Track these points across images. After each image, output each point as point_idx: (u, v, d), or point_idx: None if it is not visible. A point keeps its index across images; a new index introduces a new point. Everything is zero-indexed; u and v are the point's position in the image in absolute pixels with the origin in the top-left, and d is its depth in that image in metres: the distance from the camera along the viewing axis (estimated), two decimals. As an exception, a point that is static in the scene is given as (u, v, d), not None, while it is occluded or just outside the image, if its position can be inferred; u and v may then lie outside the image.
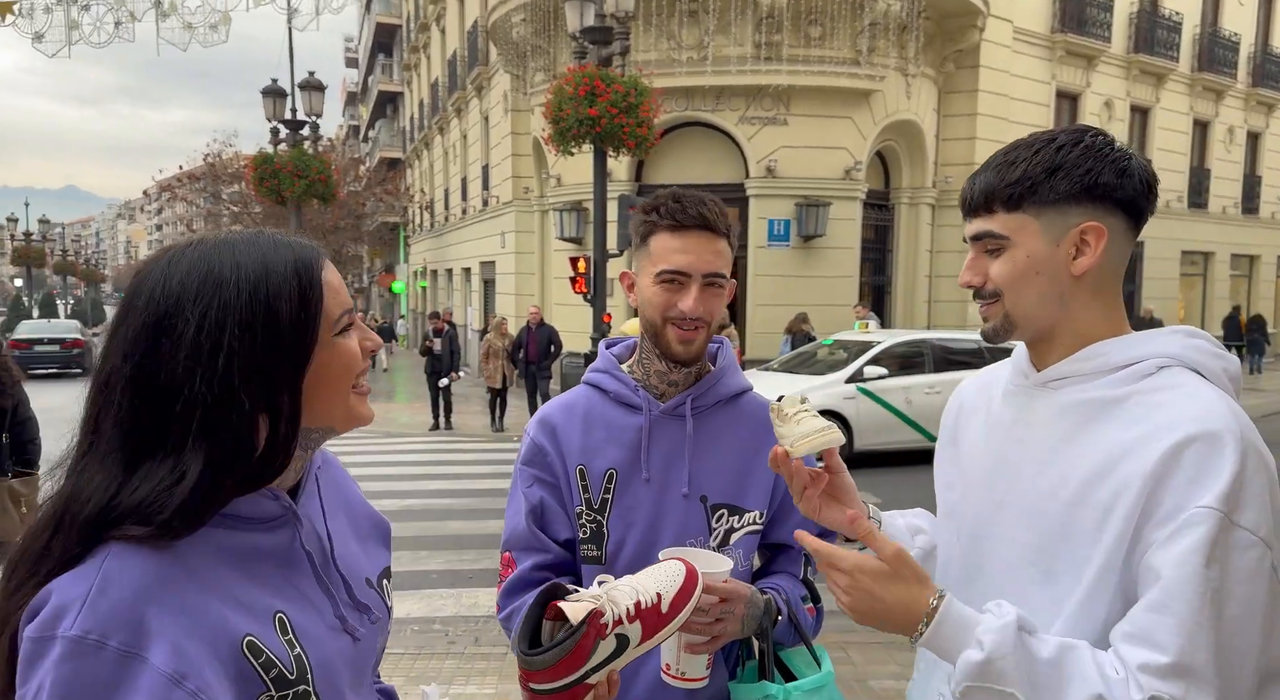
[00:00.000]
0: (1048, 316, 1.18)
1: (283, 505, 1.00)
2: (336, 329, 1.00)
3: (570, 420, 1.60)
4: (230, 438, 0.92)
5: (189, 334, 0.91)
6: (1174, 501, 1.03)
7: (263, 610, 0.94)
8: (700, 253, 1.47)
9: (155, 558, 0.87)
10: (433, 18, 27.06)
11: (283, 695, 0.92)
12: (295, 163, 16.47)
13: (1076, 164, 1.13)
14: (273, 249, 0.98)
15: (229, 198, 28.73)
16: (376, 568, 1.18)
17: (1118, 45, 20.20)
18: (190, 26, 19.71)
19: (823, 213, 14.69)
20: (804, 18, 14.33)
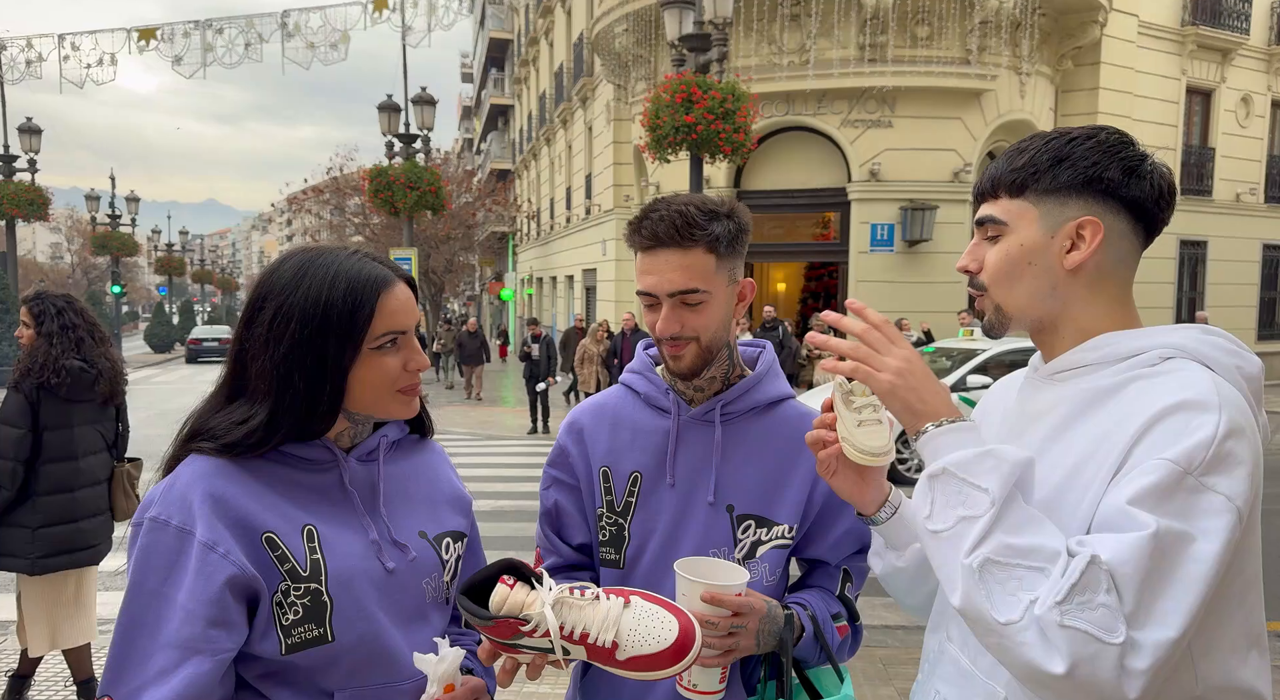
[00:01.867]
0: (1040, 309, 1.16)
1: (332, 453, 1.26)
2: (375, 344, 1.22)
3: (599, 421, 1.58)
4: (287, 401, 1.20)
5: (267, 319, 1.21)
6: (1141, 456, 0.99)
7: (293, 519, 1.20)
8: (663, 271, 1.42)
9: (213, 465, 1.18)
10: (541, 32, 27.70)
11: (296, 587, 1.17)
12: (407, 175, 17.13)
13: (1084, 156, 1.11)
14: (351, 267, 1.23)
15: (351, 210, 30.06)
16: (437, 527, 1.37)
17: (1257, 37, 18.90)
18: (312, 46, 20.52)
19: (929, 216, 14.27)
20: (911, 18, 13.98)
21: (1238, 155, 19.09)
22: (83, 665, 3.64)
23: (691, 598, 1.30)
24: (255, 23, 18.55)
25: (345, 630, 1.18)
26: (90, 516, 3.48)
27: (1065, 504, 1.07)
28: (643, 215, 1.45)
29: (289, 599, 1.16)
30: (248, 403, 1.22)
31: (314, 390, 1.19)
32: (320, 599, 1.17)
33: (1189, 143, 18.52)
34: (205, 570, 1.10)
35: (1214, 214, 18.75)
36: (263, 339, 1.20)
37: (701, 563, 1.38)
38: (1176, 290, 18.53)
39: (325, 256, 1.24)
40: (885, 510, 1.29)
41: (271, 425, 1.19)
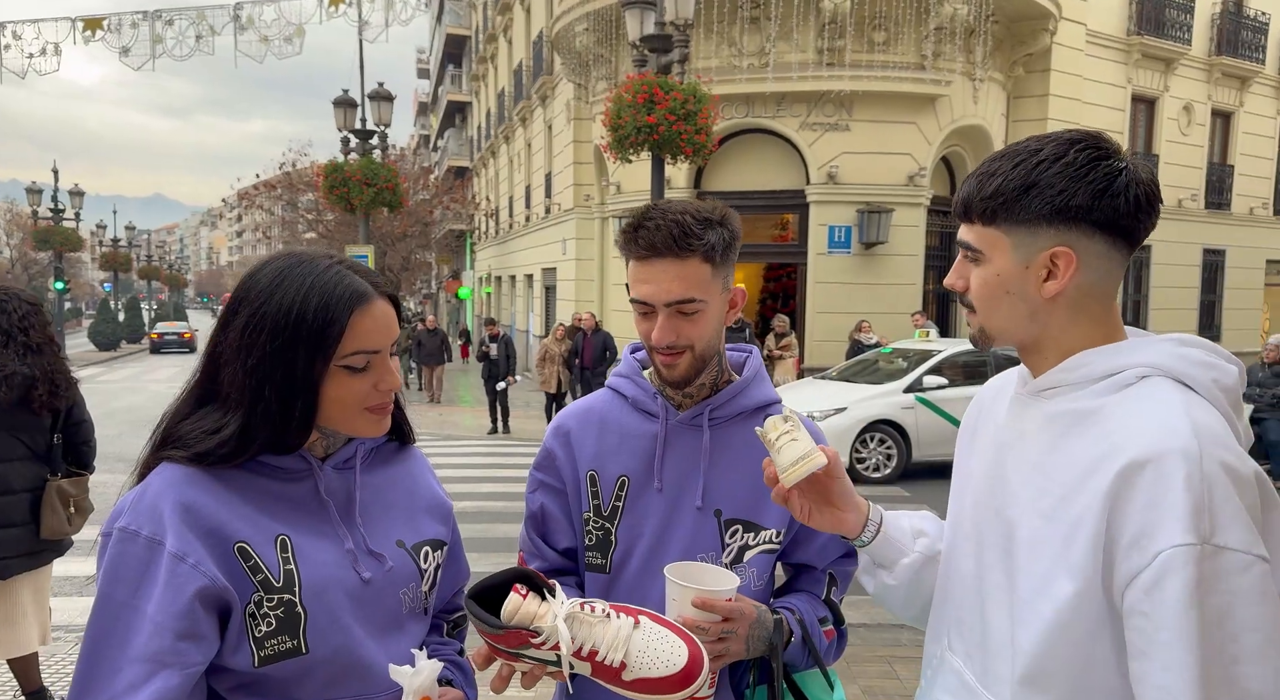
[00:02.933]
0: (1021, 332, 1.16)
1: (306, 462, 1.24)
2: (344, 362, 1.19)
3: (586, 424, 1.57)
4: (260, 412, 1.17)
5: (240, 324, 1.18)
6: (1137, 525, 0.99)
7: (265, 529, 1.17)
8: (661, 281, 1.41)
9: (184, 473, 1.15)
10: (500, 29, 27.52)
11: (269, 598, 1.15)
12: (364, 171, 16.91)
13: (1050, 184, 1.08)
14: (328, 279, 1.19)
15: (304, 206, 29.57)
16: (416, 536, 1.34)
17: (1198, 48, 19.49)
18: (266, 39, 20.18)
19: (885, 219, 14.48)
20: (868, 23, 14.17)
21: (1180, 162, 19.67)
22: (30, 676, 3.53)
23: (682, 603, 1.31)
24: (207, 15, 18.15)
25: (319, 642, 1.16)
26: (3, 526, 3.27)
27: (1049, 542, 1.08)
28: (637, 223, 1.43)
29: (261, 610, 1.14)
30: (219, 409, 1.19)
31: (286, 403, 1.17)
32: (294, 610, 1.15)
33: (1134, 149, 19.02)
34: (175, 582, 1.08)
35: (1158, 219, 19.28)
36: (235, 345, 1.18)
37: (691, 567, 1.38)
38: (1122, 293, 18.90)
39: (304, 266, 1.21)
40: (869, 529, 1.31)
41: (244, 437, 1.17)
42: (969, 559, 1.26)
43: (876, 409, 9.52)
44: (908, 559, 1.34)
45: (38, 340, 3.31)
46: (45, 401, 3.32)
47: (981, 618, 1.19)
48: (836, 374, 11.28)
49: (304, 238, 33.06)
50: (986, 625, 1.18)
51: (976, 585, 1.22)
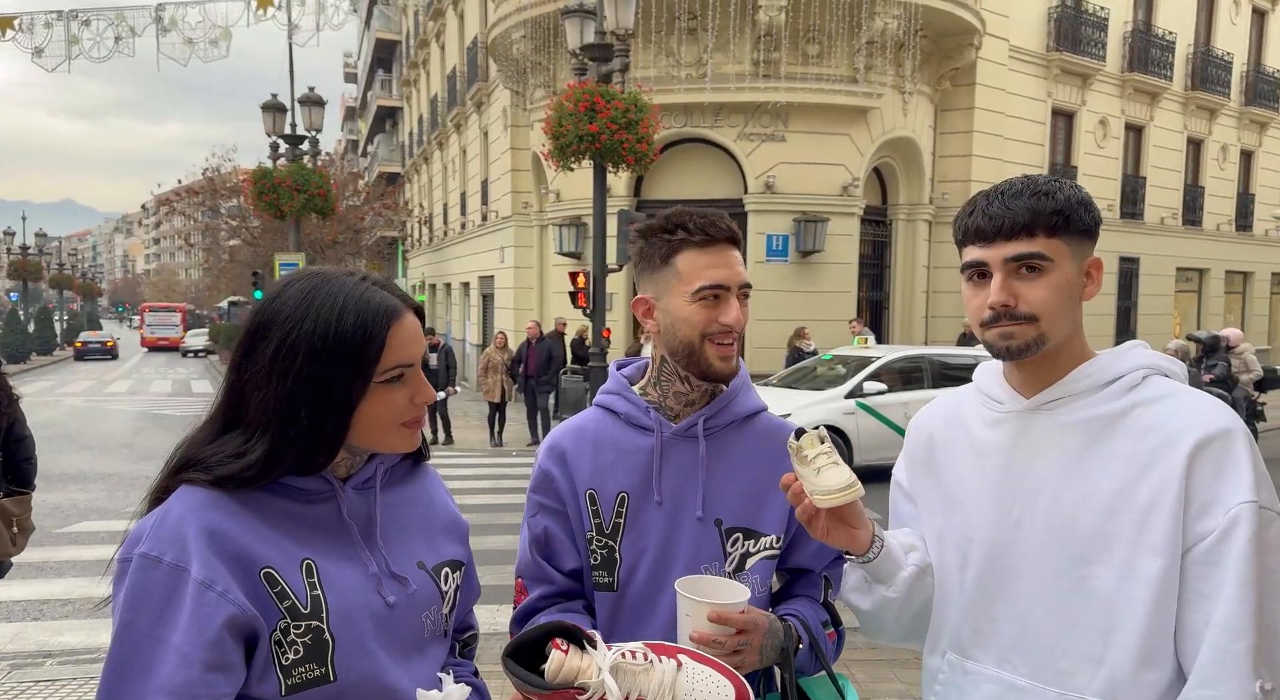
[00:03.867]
0: (1064, 333, 1.28)
1: (329, 484, 1.22)
2: (383, 378, 1.18)
3: (580, 444, 1.57)
4: (290, 435, 1.15)
5: (271, 349, 1.16)
6: (1205, 496, 1.15)
7: (291, 554, 1.15)
8: (734, 266, 1.48)
9: (207, 497, 1.13)
10: (432, 34, 27.21)
11: (296, 625, 1.12)
12: (294, 177, 16.53)
13: (1085, 202, 1.27)
14: (360, 296, 1.18)
15: (227, 212, 28.76)
16: (436, 557, 1.33)
17: (1112, 64, 20.37)
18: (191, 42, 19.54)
19: (821, 228, 14.76)
20: (802, 36, 14.45)
21: (1096, 174, 20.50)
22: None
23: (696, 618, 1.31)
24: (127, 16, 17.52)
25: (347, 669, 1.14)
26: None
27: (1120, 531, 1.20)
28: (693, 215, 1.49)
29: (289, 637, 1.11)
30: (244, 434, 1.17)
31: (318, 424, 1.15)
32: (322, 637, 1.13)
33: (1054, 161, 19.77)
34: (202, 611, 1.05)
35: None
36: (265, 372, 1.15)
37: (701, 581, 1.39)
38: (1044, 299, 19.70)
39: (331, 283, 1.19)
40: (875, 546, 1.36)
41: (271, 460, 1.15)
42: (981, 572, 1.31)
43: (819, 414, 9.68)
44: (905, 572, 1.39)
45: None
46: None
47: (1021, 621, 1.27)
48: (778, 381, 11.44)
49: (227, 245, 32.12)
50: (1030, 626, 1.26)
51: (1004, 593, 1.28)
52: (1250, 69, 24.22)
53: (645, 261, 1.52)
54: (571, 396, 12.57)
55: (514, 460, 11.87)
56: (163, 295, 68.21)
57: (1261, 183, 25.44)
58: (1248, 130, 24.69)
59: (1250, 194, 25.16)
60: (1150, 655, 1.18)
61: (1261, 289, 26.16)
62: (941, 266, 17.13)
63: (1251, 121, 24.61)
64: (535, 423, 12.81)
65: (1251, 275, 25.67)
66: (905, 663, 4.61)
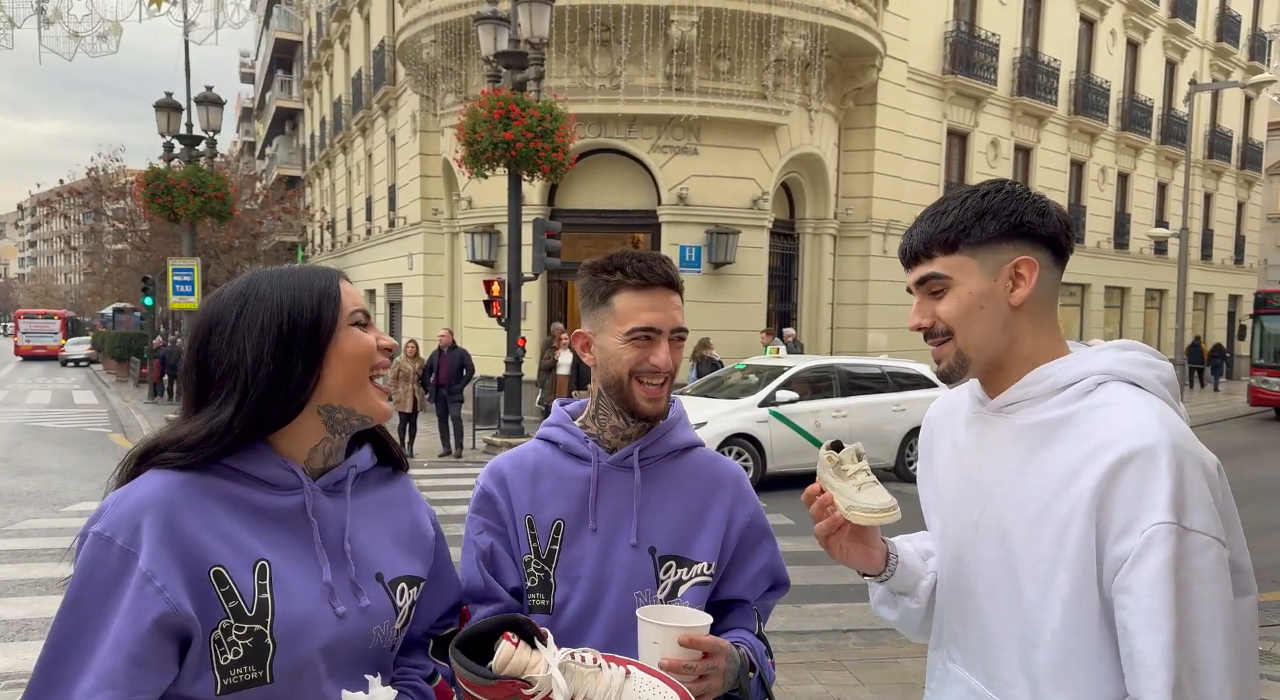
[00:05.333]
0: (995, 345, 1.26)
1: (295, 475, 1.20)
2: (352, 320, 1.22)
3: (519, 471, 1.60)
4: (260, 386, 1.16)
5: (231, 321, 1.19)
6: (1125, 516, 1.10)
7: (246, 553, 1.14)
8: (667, 309, 1.51)
9: (168, 483, 1.12)
10: (336, 35, 26.57)
11: (239, 626, 1.11)
12: (190, 179, 15.85)
13: (1002, 206, 1.24)
14: (297, 268, 1.25)
15: (114, 214, 27.37)
16: (394, 571, 1.31)
17: (1003, 88, 21.44)
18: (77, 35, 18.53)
19: (732, 241, 15.03)
20: (713, 51, 14.72)
21: (988, 192, 21.50)
22: None
23: (665, 644, 1.30)
24: (4, 5, 16.50)
25: (284, 675, 1.13)
26: None
27: (1043, 543, 1.18)
28: (636, 257, 1.51)
29: (229, 638, 1.10)
30: (209, 407, 1.18)
31: (287, 364, 1.17)
32: (264, 641, 1.11)
33: (950, 180, 20.65)
34: (140, 602, 1.06)
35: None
36: (227, 341, 1.18)
37: (655, 610, 1.39)
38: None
39: (264, 271, 1.25)
40: (890, 564, 1.38)
41: (240, 410, 1.15)
42: (953, 573, 1.35)
43: (734, 423, 9.84)
44: (925, 581, 1.41)
45: None
46: None
47: (980, 626, 1.29)
48: (692, 390, 11.57)
49: (112, 249, 30.51)
50: (985, 632, 1.28)
51: (967, 597, 1.31)
52: (1126, 96, 25.89)
53: (587, 298, 1.56)
54: (485, 406, 12.43)
55: (425, 471, 11.64)
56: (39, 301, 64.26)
57: (1136, 204, 27.18)
58: (1124, 154, 26.35)
59: (1127, 214, 26.84)
60: (1063, 678, 1.17)
61: (1137, 304, 27.89)
62: (846, 279, 17.67)
63: (1127, 146, 26.28)
64: (447, 432, 12.59)
65: (1128, 290, 27.35)
66: (824, 665, 4.73)
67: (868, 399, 10.76)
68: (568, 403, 1.70)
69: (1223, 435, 16.24)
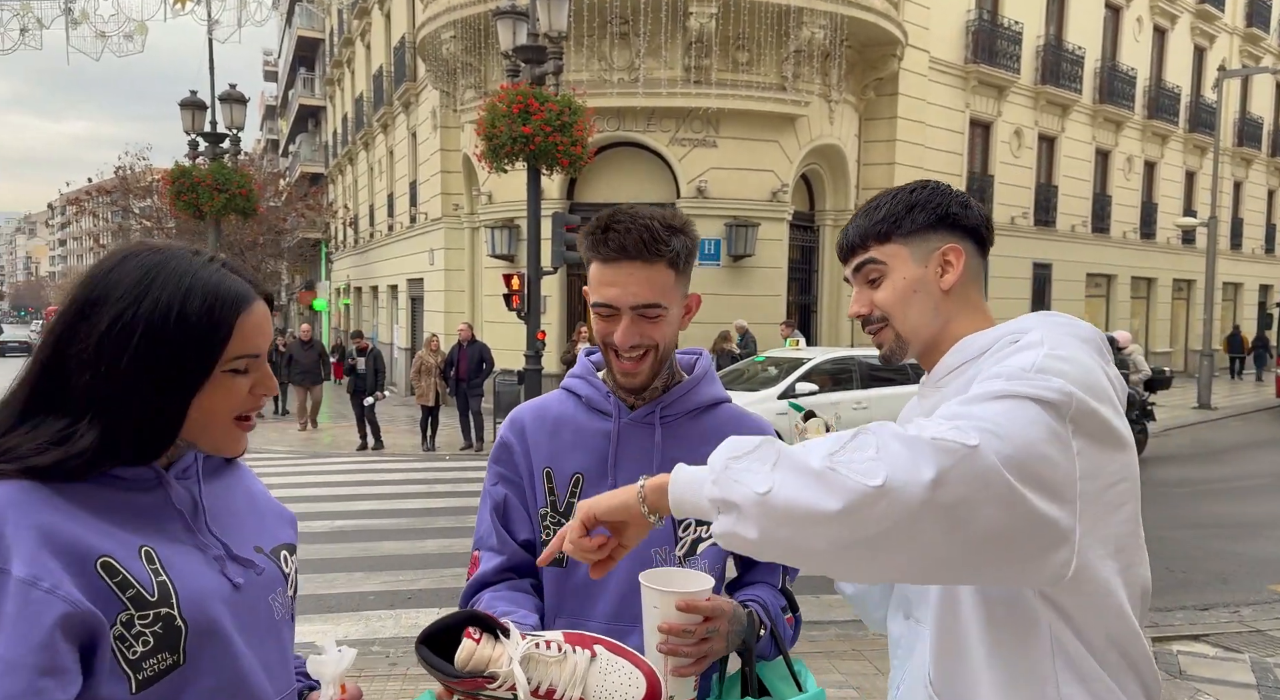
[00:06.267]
0: (929, 327, 1.36)
1: (155, 471, 1.13)
2: (228, 366, 1.11)
3: (541, 421, 1.60)
4: (123, 425, 1.07)
5: (103, 325, 1.06)
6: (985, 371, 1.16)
7: (127, 542, 1.06)
8: (627, 284, 1.45)
9: (21, 489, 1.01)
10: (357, 33, 26.72)
11: (143, 615, 1.03)
12: (215, 176, 16.03)
13: (929, 200, 1.36)
14: (208, 279, 1.11)
15: (141, 212, 27.72)
16: (272, 540, 1.28)
17: (1026, 77, 21.20)
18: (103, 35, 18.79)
19: (751, 233, 14.98)
20: (732, 43, 14.66)
21: (1012, 182, 21.31)
22: None
23: (664, 609, 1.32)
24: (34, 7, 16.74)
25: (199, 654, 1.08)
26: None
27: None
28: (604, 226, 1.46)
29: (134, 630, 1.02)
30: (64, 418, 1.06)
31: (153, 411, 1.07)
32: (174, 624, 1.05)
33: (972, 170, 20.48)
34: (28, 611, 0.94)
35: (993, 235, 20.81)
36: (94, 351, 1.05)
37: (663, 574, 1.40)
38: (963, 303, 20.36)
39: (176, 261, 1.11)
40: None
41: (103, 449, 1.05)
42: None
43: (752, 416, 9.82)
44: None
45: None
46: None
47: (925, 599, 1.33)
48: (711, 382, 11.56)
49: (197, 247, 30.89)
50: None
51: None
52: (1152, 84, 25.50)
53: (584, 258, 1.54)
54: (505, 400, 12.49)
55: (447, 464, 11.73)
56: (69, 298, 64.92)
57: (1163, 193, 26.80)
58: (1150, 142, 25.97)
59: (1154, 203, 26.47)
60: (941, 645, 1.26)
61: (1164, 294, 27.53)
62: (867, 271, 17.54)
63: (1154, 134, 25.90)
64: (468, 426, 12.68)
65: (1155, 281, 26.99)
66: (843, 654, 4.73)
67: (889, 390, 10.71)
68: (594, 352, 1.67)
69: (1250, 426, 16.01)
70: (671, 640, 1.31)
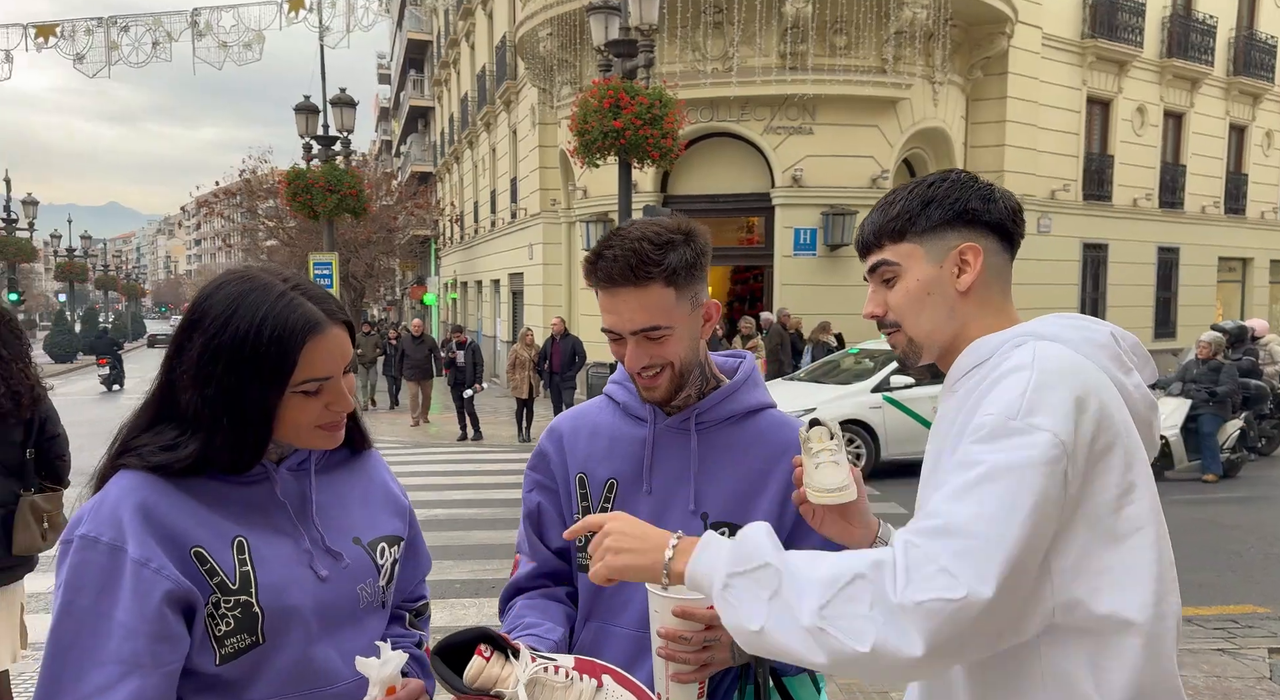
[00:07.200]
0: (943, 331, 1.29)
1: (261, 466, 1.27)
2: (298, 389, 1.22)
3: (578, 428, 1.61)
4: (217, 440, 1.21)
5: (196, 351, 1.21)
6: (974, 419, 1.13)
7: (222, 532, 1.21)
8: (623, 311, 1.43)
9: (142, 480, 1.19)
10: (462, 33, 27.40)
11: (226, 599, 1.18)
12: (327, 178, 16.74)
13: (946, 195, 1.27)
14: (281, 309, 1.21)
15: (264, 213, 29.22)
16: (373, 532, 1.38)
17: (1150, 50, 19.94)
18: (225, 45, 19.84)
19: (849, 221, 14.63)
20: (829, 27, 14.33)
21: (1134, 162, 20.11)
22: (1, 694, 3.47)
23: (664, 614, 1.31)
24: (164, 21, 17.86)
25: (275, 635, 1.20)
26: None
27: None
28: (597, 253, 1.44)
29: (220, 611, 1.17)
30: (177, 428, 1.22)
31: (241, 429, 1.21)
32: (251, 610, 1.19)
33: (1090, 150, 19.42)
34: (141, 587, 1.11)
35: (1114, 218, 19.72)
36: (191, 373, 1.21)
37: None
38: (1080, 291, 19.40)
39: (257, 292, 1.22)
40: (877, 542, 1.36)
41: (203, 459, 1.21)
42: None
43: (845, 409, 9.62)
44: None
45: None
46: (8, 411, 3.24)
47: None
48: (805, 375, 11.38)
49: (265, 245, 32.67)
50: None
51: None
52: (1296, 52, 23.60)
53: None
54: (597, 392, 12.63)
55: (542, 456, 11.94)
56: (204, 296, 69.21)
57: (1308, 169, 24.79)
58: (1293, 115, 24.06)
59: (1296, 181, 24.53)
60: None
61: (1308, 278, 25.50)
62: (974, 259, 16.90)
63: (1297, 107, 23.98)
64: (563, 418, 12.88)
65: (1298, 264, 25.02)
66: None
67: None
68: None
69: None
70: (670, 646, 1.31)
